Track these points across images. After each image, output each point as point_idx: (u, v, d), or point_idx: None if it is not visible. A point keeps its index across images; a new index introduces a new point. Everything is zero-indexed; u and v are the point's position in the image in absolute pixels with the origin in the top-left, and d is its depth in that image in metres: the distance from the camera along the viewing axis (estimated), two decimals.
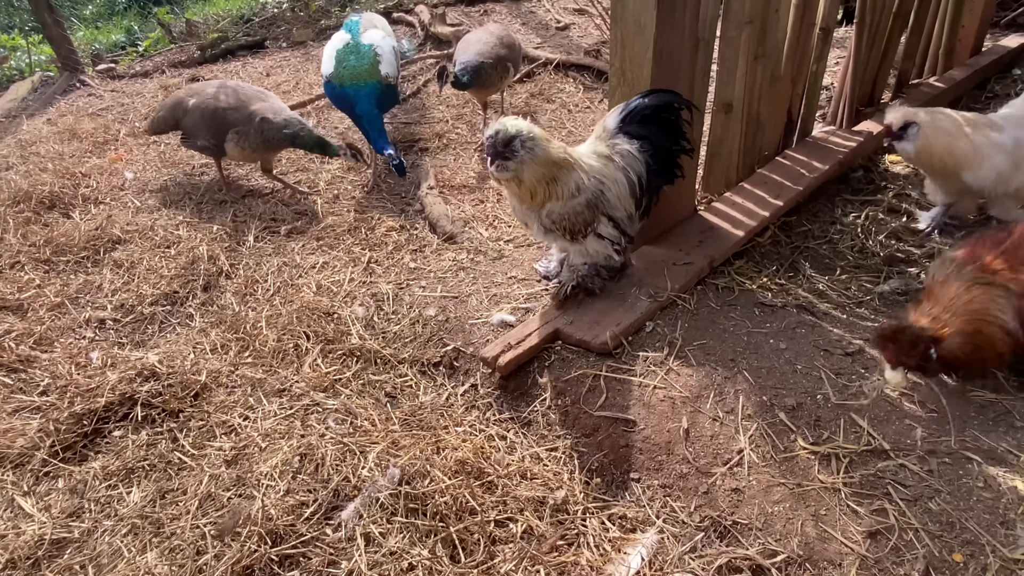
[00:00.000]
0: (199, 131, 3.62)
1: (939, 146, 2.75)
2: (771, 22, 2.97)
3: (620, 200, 2.46)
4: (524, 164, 2.26)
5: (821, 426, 2.07)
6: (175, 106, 3.73)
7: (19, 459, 2.20)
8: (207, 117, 3.56)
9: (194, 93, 3.72)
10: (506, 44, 4.09)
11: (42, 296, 3.04)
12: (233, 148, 3.57)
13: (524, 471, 2.09)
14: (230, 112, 3.54)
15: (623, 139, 2.49)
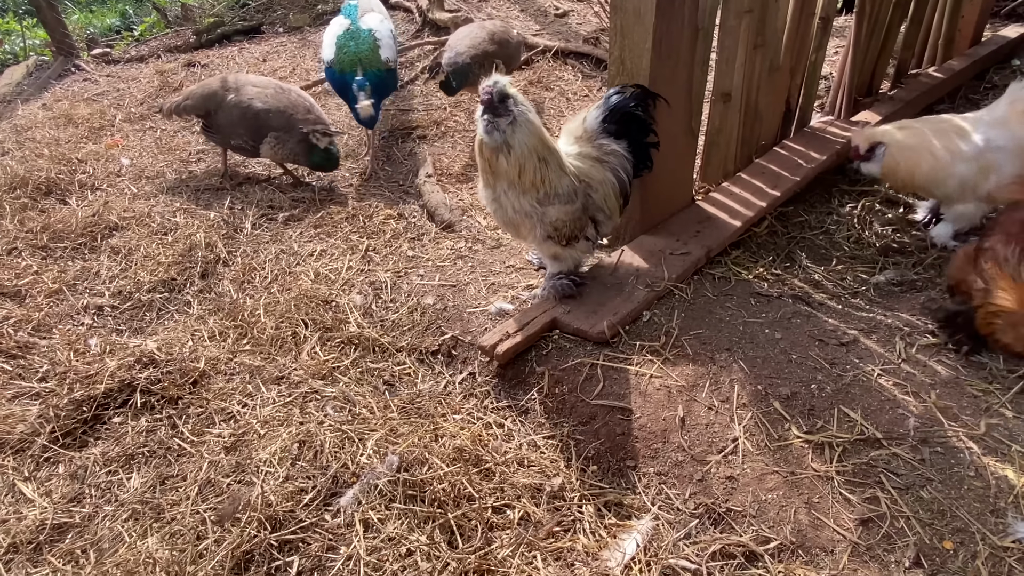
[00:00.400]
0: (235, 128, 3.59)
1: (903, 166, 2.75)
2: (771, 11, 2.96)
3: (605, 201, 2.47)
4: (516, 128, 2.19)
5: (815, 415, 2.10)
6: (209, 96, 3.67)
7: (19, 445, 2.22)
8: (248, 118, 3.54)
9: (232, 88, 3.66)
10: (497, 40, 4.00)
11: (40, 282, 3.03)
12: (268, 151, 3.59)
13: (521, 459, 2.11)
14: (273, 116, 3.53)
15: (609, 140, 2.48)
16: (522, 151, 2.23)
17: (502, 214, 2.38)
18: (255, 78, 3.80)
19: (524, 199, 2.30)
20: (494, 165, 2.26)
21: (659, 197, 2.80)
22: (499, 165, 2.26)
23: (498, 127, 2.18)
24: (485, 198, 2.42)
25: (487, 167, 2.29)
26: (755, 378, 2.18)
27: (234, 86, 3.68)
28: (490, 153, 2.24)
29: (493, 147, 2.22)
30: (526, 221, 2.33)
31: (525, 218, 2.32)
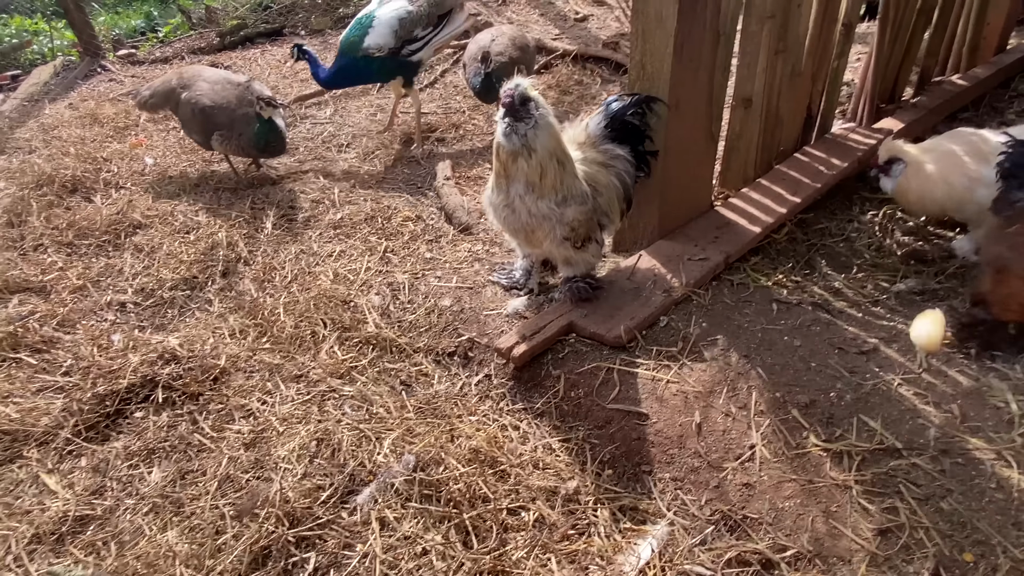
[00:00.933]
0: (190, 126, 3.70)
1: (914, 191, 2.73)
2: (793, 17, 2.95)
3: (610, 205, 2.49)
4: (538, 131, 2.19)
5: (834, 424, 2.08)
6: (168, 93, 3.74)
7: (43, 437, 2.26)
8: (196, 115, 3.60)
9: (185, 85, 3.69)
10: (518, 46, 4.00)
11: (65, 278, 3.09)
12: (217, 147, 3.66)
13: (537, 461, 2.12)
14: (218, 112, 3.55)
15: (613, 145, 2.52)
16: (544, 154, 2.23)
17: (515, 219, 2.37)
18: (209, 72, 3.83)
19: (543, 202, 2.30)
20: (510, 168, 2.26)
21: (678, 202, 2.80)
22: (517, 168, 2.25)
23: (517, 131, 2.18)
24: (494, 204, 2.40)
25: (502, 171, 2.29)
26: (773, 385, 2.16)
27: (187, 83, 3.71)
28: (507, 156, 2.24)
29: (512, 150, 2.21)
30: (544, 224, 2.34)
31: (543, 221, 2.32)
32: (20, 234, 3.43)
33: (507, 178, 2.29)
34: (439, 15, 4.01)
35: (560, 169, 2.28)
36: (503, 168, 2.28)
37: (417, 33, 3.92)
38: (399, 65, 3.96)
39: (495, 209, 2.41)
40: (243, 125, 3.54)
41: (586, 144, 2.53)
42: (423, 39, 3.97)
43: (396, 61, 3.92)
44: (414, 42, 3.93)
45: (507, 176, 2.29)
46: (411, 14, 3.90)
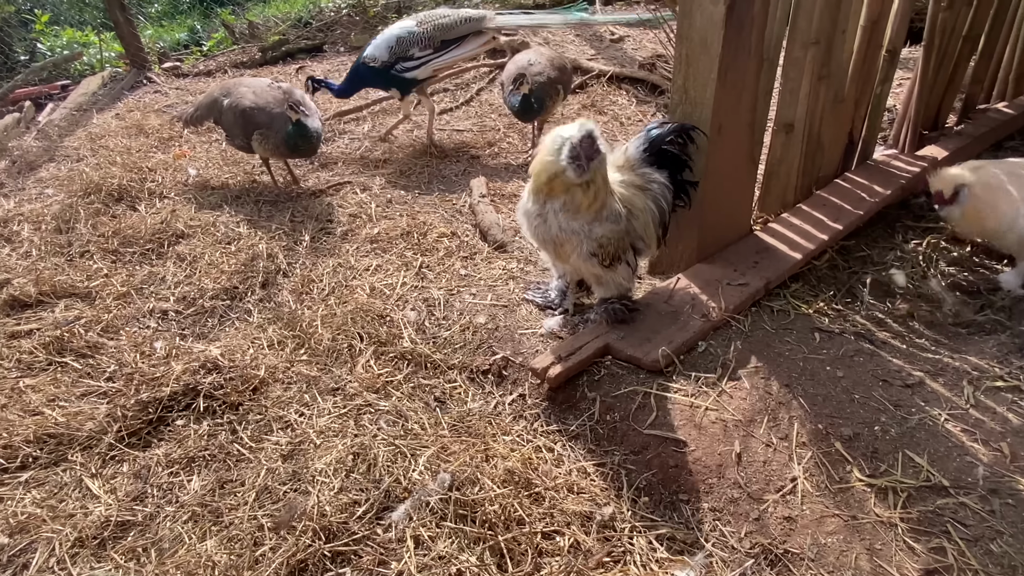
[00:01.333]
0: (233, 130, 3.79)
1: (986, 207, 2.67)
2: (837, 43, 2.94)
3: (645, 229, 2.49)
4: (600, 164, 2.24)
5: (878, 458, 2.03)
6: (212, 104, 3.88)
7: (87, 442, 2.30)
8: (238, 116, 3.72)
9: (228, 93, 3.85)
10: (556, 66, 4.06)
11: (109, 285, 3.17)
12: (257, 147, 3.74)
13: (571, 485, 2.10)
14: (258, 112, 3.67)
15: (652, 169, 2.53)
16: (600, 182, 2.28)
17: (545, 230, 2.39)
18: (250, 80, 3.96)
19: (576, 220, 2.32)
20: (557, 189, 2.28)
21: (717, 226, 2.78)
22: (573, 194, 2.27)
23: (589, 168, 2.21)
24: (528, 212, 2.42)
25: (548, 189, 2.30)
26: (815, 416, 2.13)
27: (229, 90, 3.85)
28: (567, 185, 2.26)
29: (575, 182, 2.24)
30: (572, 238, 2.36)
31: (572, 235, 2.35)
32: (68, 240, 3.53)
33: (549, 196, 2.31)
34: (445, 39, 4.19)
35: (604, 191, 2.31)
36: (549, 189, 2.30)
37: (414, 53, 4.12)
38: (391, 78, 4.21)
39: (528, 218, 2.44)
40: (280, 124, 3.64)
41: (625, 167, 2.54)
42: (420, 59, 4.15)
43: (389, 74, 4.17)
44: (409, 60, 4.14)
45: (550, 195, 2.31)
46: (412, 35, 4.10)
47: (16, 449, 2.28)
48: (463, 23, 4.21)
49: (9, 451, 2.28)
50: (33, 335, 2.86)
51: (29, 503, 2.12)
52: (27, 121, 5.43)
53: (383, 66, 4.13)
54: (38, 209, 3.86)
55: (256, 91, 3.80)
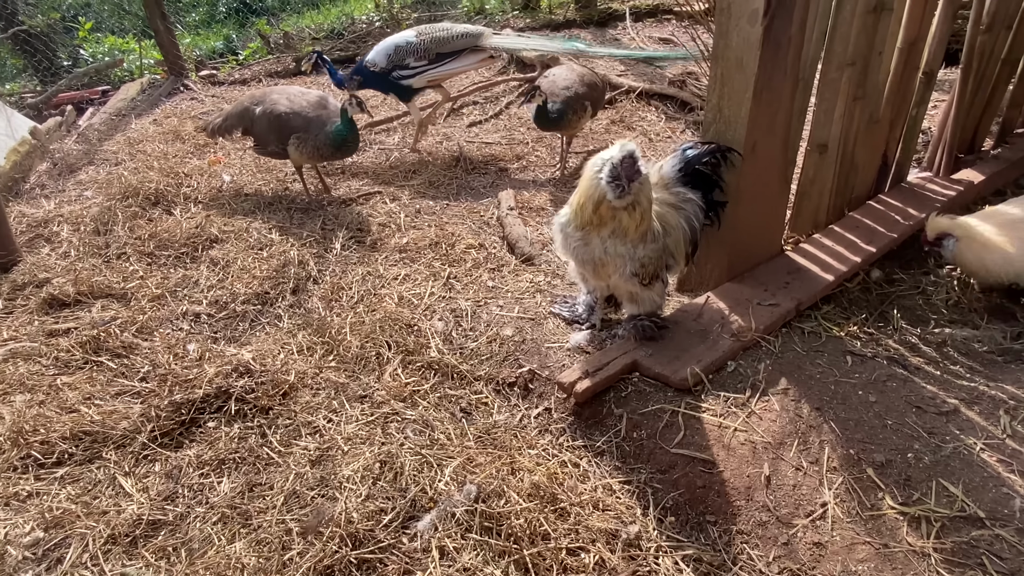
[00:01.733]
0: (268, 136, 3.83)
1: (972, 260, 2.74)
2: (873, 64, 2.92)
3: (676, 247, 2.50)
4: (643, 185, 2.23)
5: (911, 486, 2.00)
6: (242, 113, 3.94)
7: (121, 440, 2.35)
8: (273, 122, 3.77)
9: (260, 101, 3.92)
10: (587, 83, 4.08)
11: (144, 287, 3.24)
12: (293, 152, 3.77)
13: (597, 501, 2.09)
14: (293, 117, 3.73)
15: (686, 188, 2.54)
16: (645, 204, 2.27)
17: (587, 252, 2.39)
18: (281, 88, 4.01)
19: (624, 244, 2.32)
20: (605, 217, 2.27)
21: (747, 245, 2.77)
22: (619, 219, 2.26)
23: (629, 190, 2.19)
24: (568, 234, 2.41)
25: (597, 220, 2.28)
26: (847, 441, 2.10)
27: (260, 99, 3.91)
28: (612, 211, 2.25)
29: (622, 206, 2.23)
30: (616, 260, 2.36)
31: (616, 258, 2.35)
32: (106, 242, 3.62)
33: (599, 225, 2.29)
34: (440, 52, 4.35)
35: (648, 213, 2.32)
36: (599, 219, 2.28)
37: (409, 62, 4.33)
38: (388, 84, 4.43)
39: (567, 238, 2.42)
40: (319, 127, 3.70)
41: (659, 185, 2.55)
42: (414, 69, 4.35)
43: (386, 80, 4.39)
44: (405, 69, 4.35)
45: (600, 224, 2.29)
46: (409, 45, 4.32)
47: (53, 445, 2.33)
48: (459, 38, 4.39)
49: (46, 447, 2.33)
50: (71, 334, 2.93)
51: (64, 499, 2.16)
52: (68, 124, 5.59)
53: (381, 71, 4.35)
54: (77, 211, 3.97)
55: (290, 97, 3.87)
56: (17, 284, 3.31)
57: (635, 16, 6.77)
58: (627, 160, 2.16)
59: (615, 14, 6.82)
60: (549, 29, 6.71)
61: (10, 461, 2.31)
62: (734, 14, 2.38)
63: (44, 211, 4.01)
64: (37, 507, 2.14)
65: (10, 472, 2.29)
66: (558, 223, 2.48)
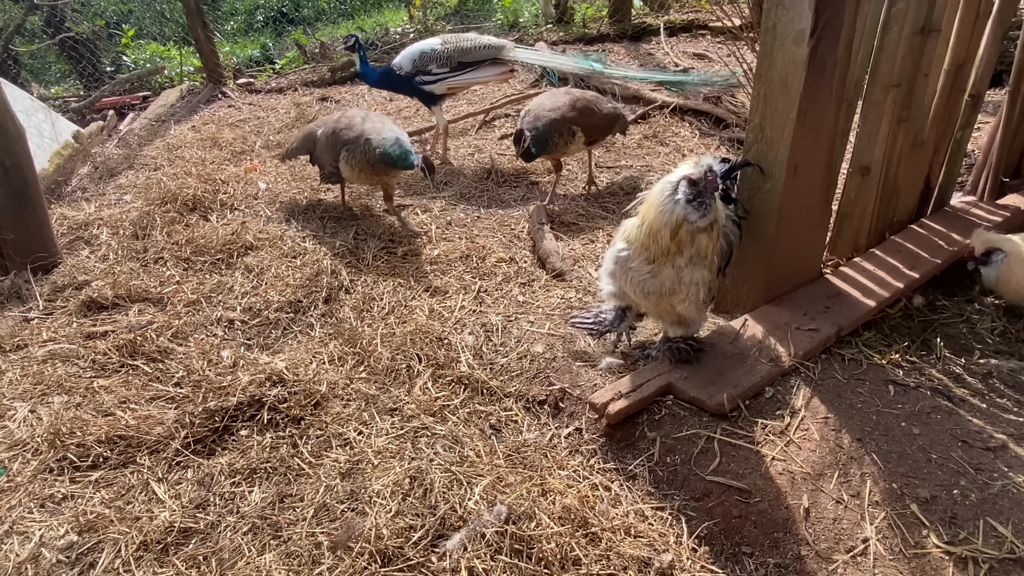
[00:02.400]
0: (325, 156, 3.79)
1: (1016, 282, 2.68)
2: (919, 86, 2.86)
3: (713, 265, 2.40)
4: (716, 202, 2.13)
5: (957, 524, 1.92)
6: (307, 136, 3.98)
7: (155, 446, 2.37)
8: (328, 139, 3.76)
9: (321, 124, 3.95)
10: (578, 108, 3.87)
11: (180, 292, 3.28)
12: (344, 166, 3.69)
13: (628, 527, 2.05)
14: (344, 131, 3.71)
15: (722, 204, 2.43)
16: (721, 221, 2.18)
17: (655, 283, 2.25)
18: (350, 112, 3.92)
19: (702, 269, 2.21)
20: (684, 242, 2.15)
21: (786, 267, 2.71)
22: (698, 243, 2.15)
23: (709, 208, 2.09)
24: (630, 271, 2.28)
25: (675, 247, 2.16)
26: (889, 475, 2.03)
27: (325, 121, 3.93)
28: (692, 234, 2.13)
29: (704, 226, 2.12)
30: (690, 288, 2.23)
31: (691, 285, 2.22)
32: (144, 246, 3.68)
33: (678, 253, 2.18)
34: (462, 61, 4.50)
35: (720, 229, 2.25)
36: (677, 246, 2.16)
37: (432, 68, 4.46)
38: (412, 88, 4.56)
39: (628, 273, 2.28)
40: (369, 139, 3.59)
41: None
42: (436, 76, 4.48)
43: (410, 84, 4.53)
44: (427, 75, 4.48)
45: (677, 254, 2.18)
46: (433, 52, 4.45)
47: (88, 448, 2.37)
48: (481, 49, 4.51)
49: (82, 450, 2.36)
50: (108, 337, 2.98)
51: (98, 503, 2.19)
52: (109, 129, 5.74)
53: (406, 75, 4.48)
54: (117, 214, 4.05)
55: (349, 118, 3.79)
56: (57, 286, 3.39)
57: (669, 31, 6.74)
58: (710, 174, 2.04)
59: (649, 28, 6.80)
60: (582, 43, 6.71)
61: (47, 463, 2.34)
62: (779, 34, 2.34)
63: (85, 214, 4.10)
64: (72, 510, 2.17)
65: (46, 473, 2.32)
66: (615, 258, 2.33)
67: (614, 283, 2.45)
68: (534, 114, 3.83)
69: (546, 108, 3.84)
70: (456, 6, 8.43)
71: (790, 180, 2.49)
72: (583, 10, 7.46)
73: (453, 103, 5.63)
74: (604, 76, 5.14)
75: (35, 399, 2.66)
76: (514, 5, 8.00)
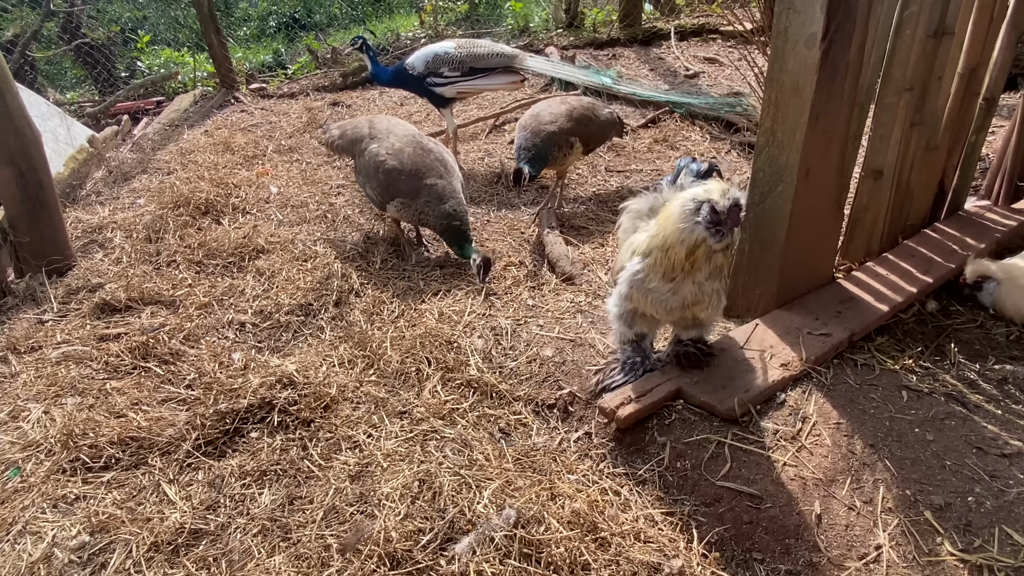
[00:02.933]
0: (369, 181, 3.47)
1: (1012, 307, 2.71)
2: (932, 90, 2.84)
3: None
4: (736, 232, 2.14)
5: (972, 532, 1.90)
6: (356, 140, 3.62)
7: (167, 447, 2.39)
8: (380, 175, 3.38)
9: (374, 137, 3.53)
10: (575, 117, 3.81)
11: (192, 295, 3.31)
12: (392, 212, 3.43)
13: (638, 532, 2.04)
14: (404, 179, 3.32)
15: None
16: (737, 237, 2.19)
17: (675, 299, 2.20)
18: (400, 128, 3.61)
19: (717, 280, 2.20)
20: (700, 260, 2.12)
21: (798, 271, 2.69)
22: (715, 260, 2.13)
23: (727, 234, 2.07)
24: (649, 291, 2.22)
25: (690, 266, 2.12)
26: (903, 481, 2.01)
27: (377, 134, 3.54)
28: (710, 254, 2.10)
29: (722, 247, 2.10)
30: (712, 296, 2.22)
31: (712, 295, 2.22)
32: (156, 250, 3.72)
33: (692, 270, 2.14)
34: (473, 67, 4.49)
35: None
36: (691, 264, 2.12)
37: (443, 71, 4.45)
38: (423, 88, 4.56)
39: (647, 293, 2.22)
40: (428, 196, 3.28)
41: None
42: (447, 79, 4.47)
43: (421, 85, 4.53)
44: (438, 77, 4.47)
45: (692, 271, 2.14)
46: (447, 55, 4.44)
47: (101, 449, 2.39)
48: (494, 56, 4.51)
49: (95, 451, 2.38)
50: (121, 339, 3.01)
51: (110, 503, 2.21)
52: (124, 134, 5.80)
53: (418, 75, 4.48)
54: (130, 218, 4.10)
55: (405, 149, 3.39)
56: (72, 288, 3.43)
57: (680, 35, 6.74)
58: (734, 210, 2.01)
59: (659, 33, 6.80)
60: (593, 48, 6.72)
61: (60, 463, 2.36)
62: (791, 38, 2.34)
63: (99, 217, 4.15)
64: (84, 510, 2.19)
65: (59, 474, 2.34)
66: (631, 280, 2.25)
67: (628, 304, 2.34)
68: (531, 129, 3.73)
69: (544, 121, 3.75)
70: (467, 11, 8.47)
71: (802, 184, 2.47)
72: (593, 15, 7.47)
73: (463, 107, 5.65)
74: (613, 91, 5.17)
75: (49, 400, 2.68)
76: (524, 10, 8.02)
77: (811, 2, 2.25)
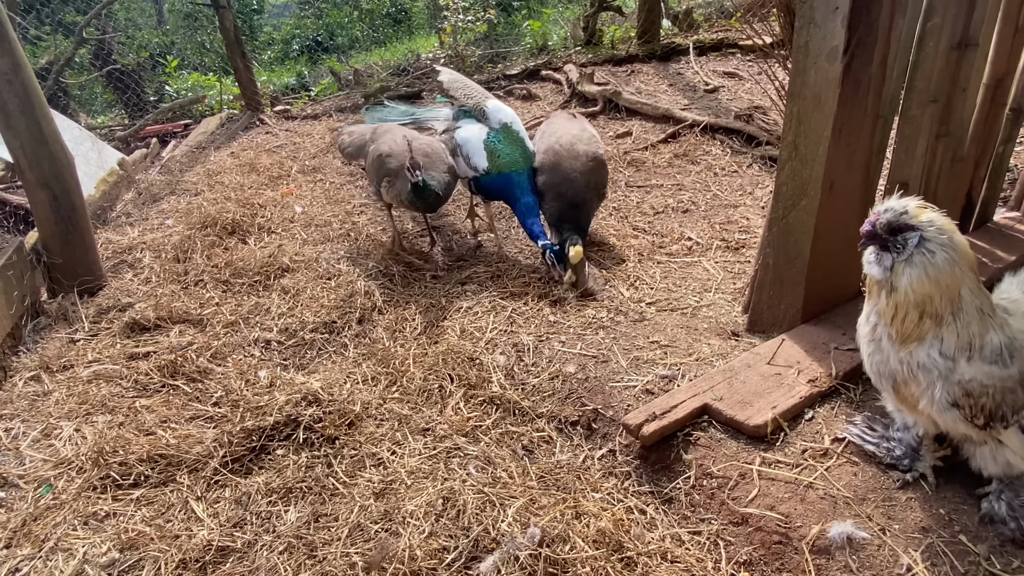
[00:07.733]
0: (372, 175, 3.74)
1: None
2: (957, 101, 2.80)
3: None
4: (909, 268, 1.67)
5: (1009, 552, 1.84)
6: (361, 145, 3.89)
7: (195, 464, 2.42)
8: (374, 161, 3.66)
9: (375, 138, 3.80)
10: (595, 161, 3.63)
11: (219, 313, 3.37)
12: (384, 193, 3.63)
13: (665, 552, 2.02)
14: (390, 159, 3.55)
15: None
16: (905, 299, 1.69)
17: (880, 360, 1.82)
18: (398, 131, 3.80)
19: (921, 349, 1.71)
20: (873, 294, 1.83)
21: (825, 286, 2.66)
22: (879, 298, 1.79)
23: (882, 260, 1.74)
24: (862, 335, 1.90)
25: (868, 290, 1.86)
26: (937, 500, 1.96)
27: (377, 137, 3.80)
28: (871, 282, 1.82)
29: (875, 280, 1.78)
30: (921, 377, 1.72)
31: (919, 371, 1.71)
32: (184, 269, 3.79)
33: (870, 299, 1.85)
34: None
35: (953, 314, 1.67)
36: (868, 291, 1.85)
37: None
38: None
39: (863, 341, 1.89)
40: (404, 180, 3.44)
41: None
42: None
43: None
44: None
45: (868, 298, 1.86)
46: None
47: (131, 467, 2.42)
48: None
49: (124, 468, 2.42)
50: (150, 357, 3.07)
51: (139, 520, 2.23)
52: (152, 156, 5.95)
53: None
54: (159, 238, 4.19)
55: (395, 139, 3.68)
56: (102, 308, 3.50)
57: (699, 50, 6.75)
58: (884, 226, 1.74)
59: (678, 48, 6.82)
60: (611, 64, 6.76)
61: (91, 481, 2.40)
62: (812, 51, 2.33)
63: (128, 238, 4.25)
64: (114, 527, 2.22)
65: (90, 491, 2.38)
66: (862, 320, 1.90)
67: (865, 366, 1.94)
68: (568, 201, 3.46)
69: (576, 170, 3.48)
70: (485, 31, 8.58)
71: (826, 198, 2.46)
72: (612, 32, 7.52)
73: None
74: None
75: (80, 418, 2.74)
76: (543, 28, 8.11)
77: (832, 16, 2.25)
